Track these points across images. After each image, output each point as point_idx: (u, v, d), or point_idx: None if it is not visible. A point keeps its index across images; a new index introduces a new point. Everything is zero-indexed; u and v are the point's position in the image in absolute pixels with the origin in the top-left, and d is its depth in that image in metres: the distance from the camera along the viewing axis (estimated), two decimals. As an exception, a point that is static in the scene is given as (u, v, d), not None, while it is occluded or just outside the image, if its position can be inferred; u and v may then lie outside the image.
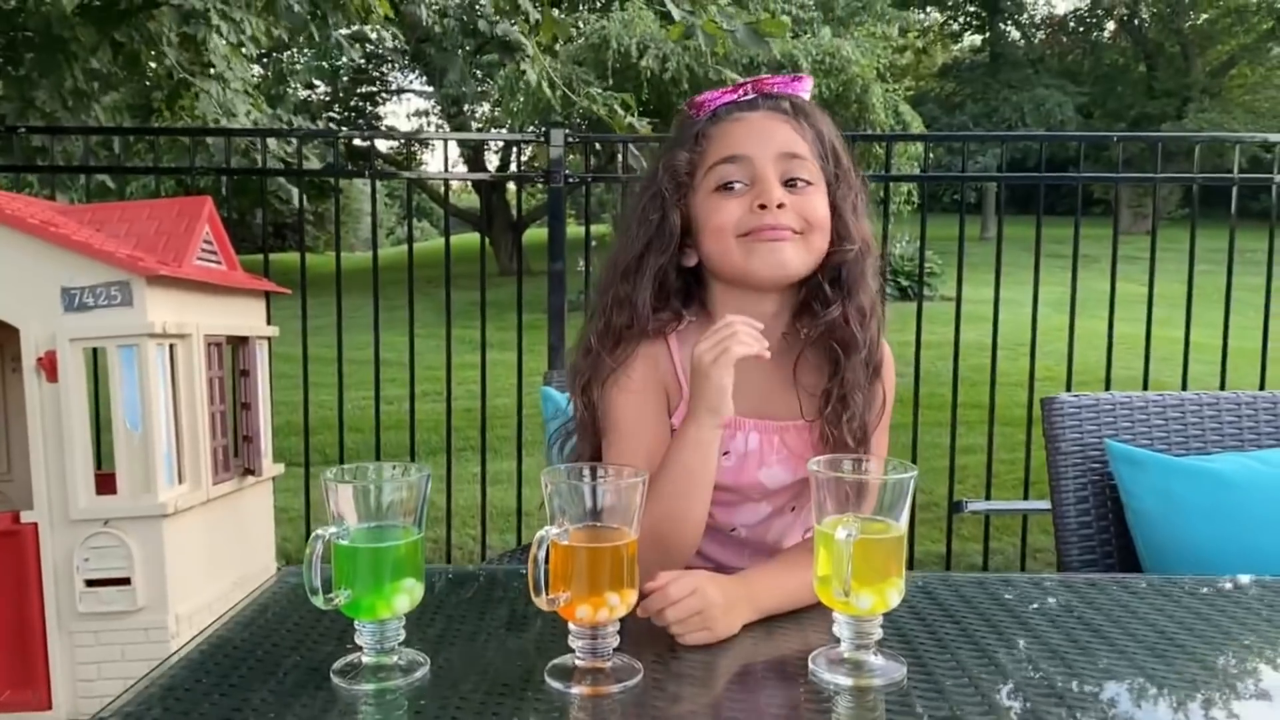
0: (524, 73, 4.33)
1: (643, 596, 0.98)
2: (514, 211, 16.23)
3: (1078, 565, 1.59)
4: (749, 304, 1.20)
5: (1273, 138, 3.24)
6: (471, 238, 17.52)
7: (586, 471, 0.93)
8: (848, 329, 1.18)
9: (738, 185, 1.18)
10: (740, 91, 1.22)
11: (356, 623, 0.92)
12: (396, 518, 0.92)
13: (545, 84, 4.52)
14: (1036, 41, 27.26)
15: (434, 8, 5.16)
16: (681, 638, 0.98)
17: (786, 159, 1.18)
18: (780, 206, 1.15)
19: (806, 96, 1.25)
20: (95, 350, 2.37)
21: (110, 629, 2.21)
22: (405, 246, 3.90)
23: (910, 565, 3.58)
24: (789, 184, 1.18)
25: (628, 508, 0.91)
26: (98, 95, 4.21)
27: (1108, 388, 3.28)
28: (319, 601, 0.88)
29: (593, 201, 3.91)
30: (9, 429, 2.67)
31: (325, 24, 4.42)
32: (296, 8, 3.97)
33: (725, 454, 1.21)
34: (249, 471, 2.63)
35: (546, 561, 0.87)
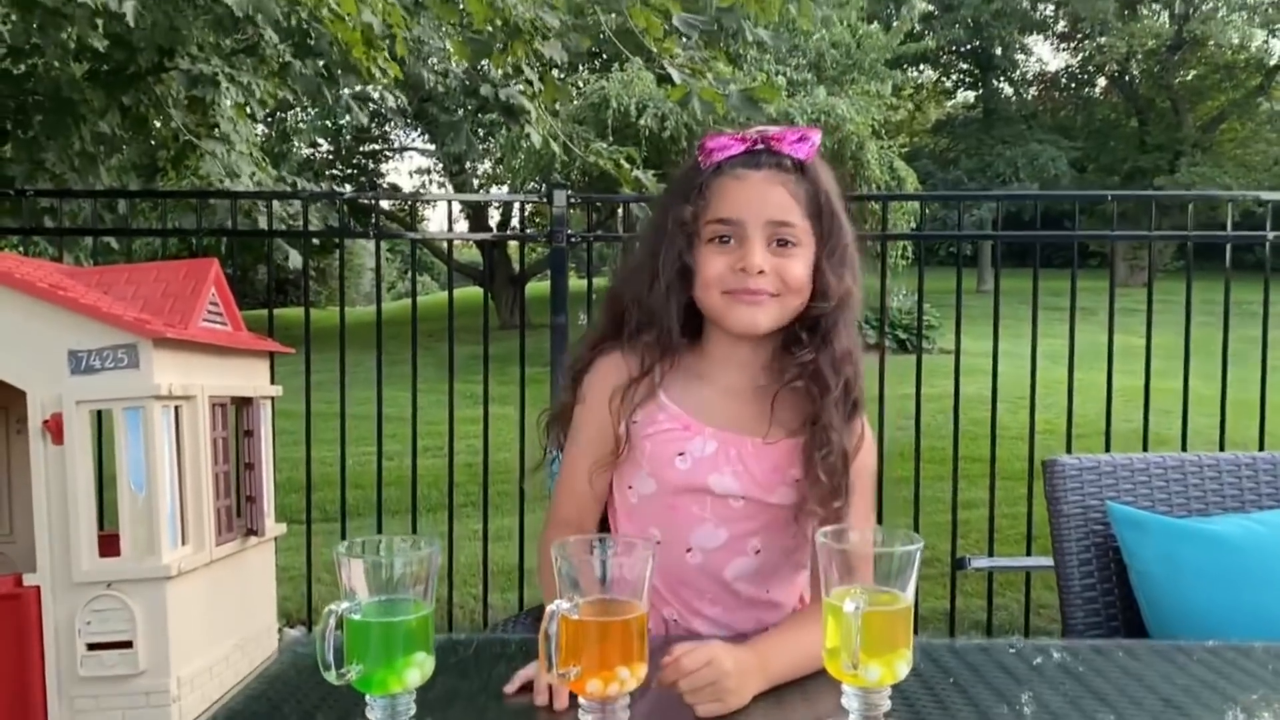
0: (528, 135, 4.41)
1: (656, 665, 0.98)
2: (516, 266, 16.32)
3: (1083, 629, 1.59)
4: (733, 343, 1.31)
5: (1265, 195, 3.29)
6: (474, 291, 17.59)
7: (596, 544, 0.94)
8: (822, 372, 1.26)
9: (730, 241, 1.27)
10: (749, 144, 1.29)
11: (368, 697, 0.92)
12: (407, 590, 0.93)
13: (550, 139, 4.60)
14: (1029, 98, 27.62)
15: (436, 69, 5.26)
16: (694, 708, 0.99)
17: (775, 225, 1.26)
18: (760, 273, 1.24)
19: (812, 155, 1.30)
20: (99, 412, 2.38)
21: (111, 693, 2.19)
22: (407, 300, 3.93)
23: (915, 623, 3.55)
24: (778, 242, 1.26)
25: (638, 580, 0.91)
26: (104, 157, 4.26)
27: (1108, 440, 3.28)
28: (331, 677, 0.88)
29: (594, 255, 3.95)
30: (12, 491, 2.67)
31: (335, 84, 4.49)
32: (307, 73, 4.05)
33: (680, 454, 1.29)
34: (252, 532, 2.62)
35: (557, 636, 0.87)
